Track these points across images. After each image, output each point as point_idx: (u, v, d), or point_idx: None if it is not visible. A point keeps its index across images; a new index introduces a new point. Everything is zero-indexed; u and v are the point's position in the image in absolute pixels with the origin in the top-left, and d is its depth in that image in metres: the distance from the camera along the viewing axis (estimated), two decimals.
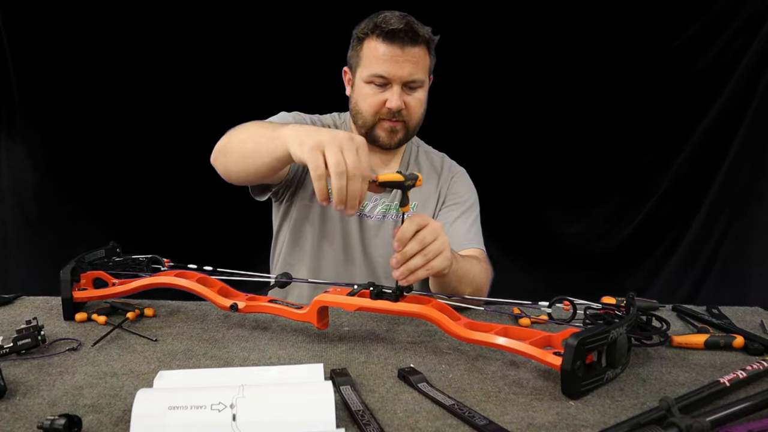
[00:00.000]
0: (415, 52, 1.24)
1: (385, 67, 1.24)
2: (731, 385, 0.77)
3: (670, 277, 2.53)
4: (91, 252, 1.12)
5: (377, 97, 1.27)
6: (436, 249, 0.92)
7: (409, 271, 0.91)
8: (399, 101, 1.25)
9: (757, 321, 1.14)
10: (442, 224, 0.96)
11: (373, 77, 1.26)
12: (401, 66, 1.24)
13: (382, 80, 1.25)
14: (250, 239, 1.83)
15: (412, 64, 1.24)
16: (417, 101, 1.29)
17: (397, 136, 1.31)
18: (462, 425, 0.68)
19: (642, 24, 2.35)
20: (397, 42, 1.23)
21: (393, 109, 1.26)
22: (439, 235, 0.93)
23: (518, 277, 2.50)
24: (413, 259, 0.91)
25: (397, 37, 1.22)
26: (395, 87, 1.25)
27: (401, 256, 0.91)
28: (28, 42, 2.27)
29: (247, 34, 2.31)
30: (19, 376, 0.80)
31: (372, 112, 1.28)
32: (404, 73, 1.24)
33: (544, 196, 2.54)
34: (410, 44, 1.23)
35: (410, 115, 1.29)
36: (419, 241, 0.91)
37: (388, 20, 1.23)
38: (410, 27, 1.22)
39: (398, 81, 1.25)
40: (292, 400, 0.66)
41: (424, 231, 0.92)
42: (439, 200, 1.43)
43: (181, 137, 2.33)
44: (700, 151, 2.42)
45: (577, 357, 0.74)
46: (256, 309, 0.97)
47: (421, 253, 0.91)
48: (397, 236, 0.91)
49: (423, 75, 1.28)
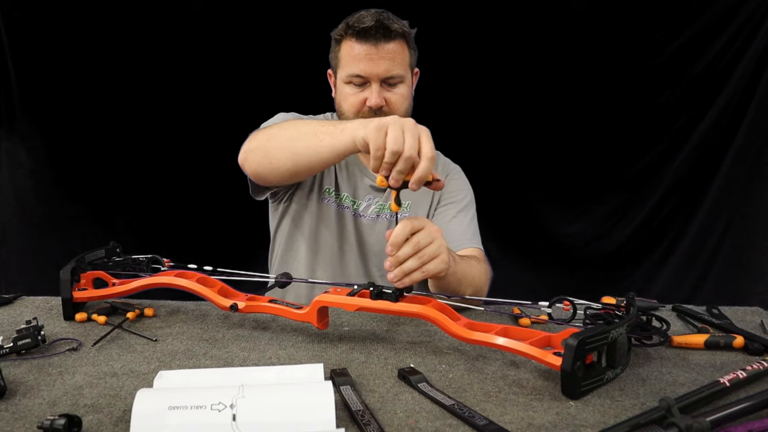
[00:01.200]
0: (391, 48, 1.24)
1: (361, 66, 1.24)
2: (731, 385, 0.77)
3: (670, 277, 2.53)
4: (91, 252, 1.12)
5: (357, 96, 1.27)
6: (432, 252, 0.92)
7: (404, 273, 0.90)
8: (378, 99, 1.25)
9: (757, 321, 1.14)
10: (440, 228, 0.95)
11: (351, 77, 1.26)
12: (377, 63, 1.23)
13: (360, 79, 1.26)
14: (250, 239, 1.83)
15: (388, 60, 1.24)
16: (398, 96, 1.28)
17: None
18: (462, 425, 0.68)
19: (642, 24, 2.35)
20: (370, 40, 1.23)
21: (373, 107, 1.26)
22: (436, 238, 0.93)
23: (518, 277, 2.50)
24: (407, 262, 0.90)
25: (370, 34, 1.22)
26: (374, 85, 1.25)
27: (395, 259, 0.90)
28: (29, 42, 2.27)
29: (244, 35, 2.31)
30: (19, 376, 0.80)
31: (354, 111, 1.29)
32: (380, 70, 1.24)
33: (544, 196, 2.54)
34: (384, 41, 1.23)
35: (393, 111, 1.28)
36: (413, 245, 0.90)
37: (361, 19, 1.23)
38: (381, 23, 1.22)
39: (376, 78, 1.25)
40: (292, 400, 0.66)
41: (419, 234, 0.91)
42: (434, 199, 1.42)
43: (181, 137, 2.34)
44: (700, 151, 2.42)
45: (577, 357, 0.74)
46: (256, 309, 0.97)
47: (415, 256, 0.90)
48: (389, 240, 0.91)
49: (402, 70, 1.27)
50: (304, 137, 1.04)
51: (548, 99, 2.43)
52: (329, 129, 1.00)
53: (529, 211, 2.54)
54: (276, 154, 1.09)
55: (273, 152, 1.10)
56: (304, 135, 1.04)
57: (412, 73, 1.34)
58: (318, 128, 1.02)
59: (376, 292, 0.91)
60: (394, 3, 1.31)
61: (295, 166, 1.08)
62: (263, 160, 1.12)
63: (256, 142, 1.14)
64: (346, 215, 1.38)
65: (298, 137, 1.05)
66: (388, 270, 0.91)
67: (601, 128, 2.45)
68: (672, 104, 2.41)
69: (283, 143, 1.08)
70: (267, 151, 1.11)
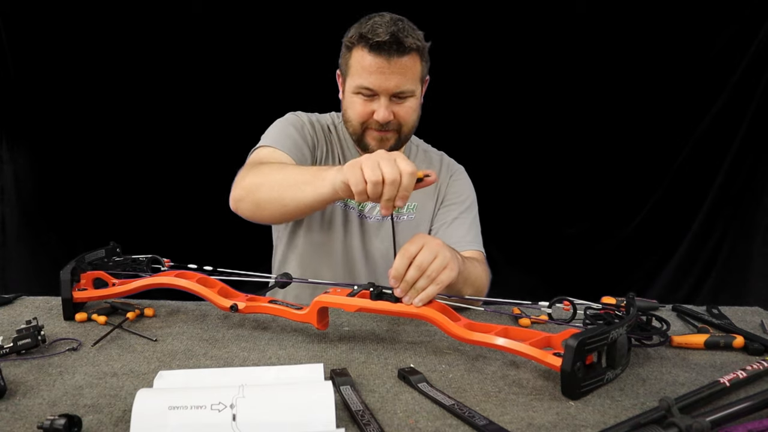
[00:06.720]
0: (403, 63, 1.21)
1: (371, 80, 1.21)
2: (731, 385, 0.77)
3: (670, 277, 2.53)
4: (91, 252, 1.12)
5: (365, 107, 1.25)
6: (438, 267, 0.90)
7: (417, 292, 0.89)
8: (386, 113, 1.23)
9: (757, 321, 1.14)
10: (439, 240, 0.95)
11: (360, 89, 1.23)
12: (388, 78, 1.20)
13: (369, 92, 1.23)
14: (251, 239, 1.83)
15: (399, 75, 1.21)
16: (407, 110, 1.26)
17: (388, 143, 1.29)
18: (462, 425, 0.68)
19: (642, 25, 2.35)
20: (383, 54, 1.19)
21: (380, 121, 1.24)
22: (438, 251, 0.91)
23: (518, 277, 2.50)
24: (418, 282, 0.89)
25: (383, 49, 1.18)
26: (383, 99, 1.23)
27: (404, 284, 0.89)
28: (29, 42, 2.27)
29: (245, 35, 2.30)
30: (19, 376, 0.80)
31: (360, 121, 1.27)
32: (391, 85, 1.21)
33: (545, 196, 2.53)
34: (397, 55, 1.19)
35: (400, 123, 1.27)
36: (417, 267, 0.89)
37: (375, 30, 1.19)
38: (396, 38, 1.18)
39: (385, 93, 1.22)
40: (292, 400, 0.66)
41: (420, 256, 0.90)
42: (438, 199, 1.42)
43: (181, 138, 2.34)
44: (700, 152, 2.42)
45: (577, 358, 0.74)
46: (256, 309, 0.97)
47: (423, 276, 0.89)
48: (391, 274, 0.90)
49: (412, 85, 1.24)
50: (288, 188, 1.05)
51: (548, 101, 2.43)
52: (310, 179, 1.01)
53: (530, 211, 2.54)
54: (265, 206, 1.10)
55: (262, 204, 1.10)
56: (288, 186, 1.05)
57: (422, 84, 1.31)
58: (299, 177, 1.04)
59: (376, 293, 0.91)
60: (402, 7, 1.29)
61: (286, 214, 1.11)
62: (255, 209, 1.12)
63: (243, 191, 1.13)
64: (352, 216, 1.38)
65: (282, 188, 1.06)
66: (400, 297, 0.90)
67: (601, 129, 2.44)
68: (672, 104, 2.41)
69: (270, 195, 1.08)
70: (257, 203, 1.11)
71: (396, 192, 0.87)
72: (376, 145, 1.28)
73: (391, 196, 0.87)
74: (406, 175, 0.87)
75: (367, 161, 0.89)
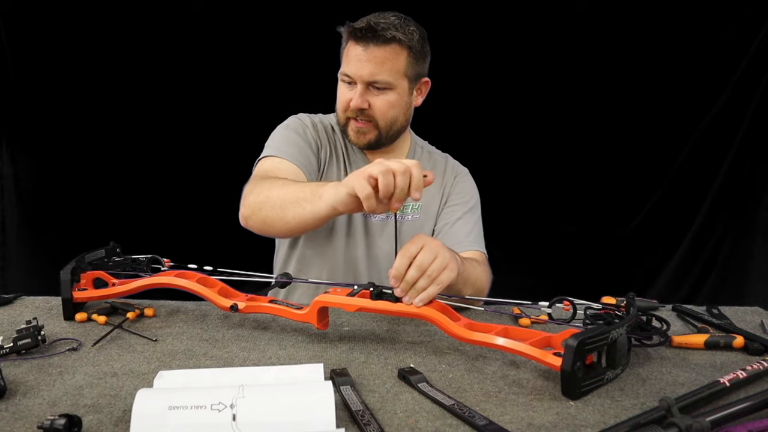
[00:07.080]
0: (380, 53, 1.22)
1: (350, 67, 1.25)
2: (731, 385, 0.77)
3: (670, 277, 2.53)
4: (91, 252, 1.12)
5: (345, 95, 1.28)
6: (438, 267, 0.90)
7: (417, 292, 0.89)
8: (358, 101, 1.25)
9: (757, 321, 1.14)
10: (439, 242, 0.95)
11: (342, 75, 1.27)
12: (362, 65, 1.23)
13: (349, 78, 1.26)
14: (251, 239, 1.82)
15: (375, 64, 1.22)
16: (383, 102, 1.26)
17: (366, 137, 1.30)
18: (462, 425, 0.68)
19: (642, 25, 2.35)
20: (361, 42, 1.22)
21: (353, 108, 1.26)
22: (438, 252, 0.91)
23: (518, 277, 2.49)
24: (418, 282, 0.89)
25: (359, 36, 1.22)
26: (359, 86, 1.25)
27: (404, 284, 0.89)
28: (29, 42, 2.27)
29: (245, 35, 2.30)
30: (19, 376, 0.80)
31: (341, 109, 1.30)
32: (364, 72, 1.23)
33: (545, 196, 2.53)
34: (373, 44, 1.22)
35: (376, 116, 1.27)
36: (417, 267, 0.89)
37: (364, 19, 1.23)
38: (371, 26, 1.21)
39: (360, 80, 1.24)
40: (292, 400, 0.66)
41: (420, 256, 0.90)
42: (442, 200, 1.43)
43: (181, 138, 2.34)
44: (700, 152, 2.42)
45: (576, 358, 0.74)
46: (256, 309, 0.97)
47: (424, 276, 0.90)
48: (391, 274, 0.90)
49: (389, 77, 1.24)
50: (290, 206, 1.06)
51: (549, 101, 2.43)
52: (308, 196, 1.02)
53: (530, 211, 2.54)
54: (271, 223, 1.12)
55: (268, 221, 1.12)
56: (289, 204, 1.06)
57: (412, 81, 1.30)
58: (300, 195, 1.05)
59: (376, 293, 0.91)
60: (402, 7, 1.29)
61: (292, 231, 1.12)
62: (263, 226, 1.15)
63: (249, 209, 1.15)
64: (355, 214, 1.37)
65: (285, 206, 1.07)
66: (400, 296, 0.90)
67: (601, 129, 2.44)
68: (672, 104, 2.41)
69: (274, 213, 1.10)
70: (263, 220, 1.13)
71: (408, 182, 0.86)
72: (354, 136, 1.31)
73: (404, 185, 0.86)
74: (414, 167, 0.87)
75: (370, 165, 0.89)
